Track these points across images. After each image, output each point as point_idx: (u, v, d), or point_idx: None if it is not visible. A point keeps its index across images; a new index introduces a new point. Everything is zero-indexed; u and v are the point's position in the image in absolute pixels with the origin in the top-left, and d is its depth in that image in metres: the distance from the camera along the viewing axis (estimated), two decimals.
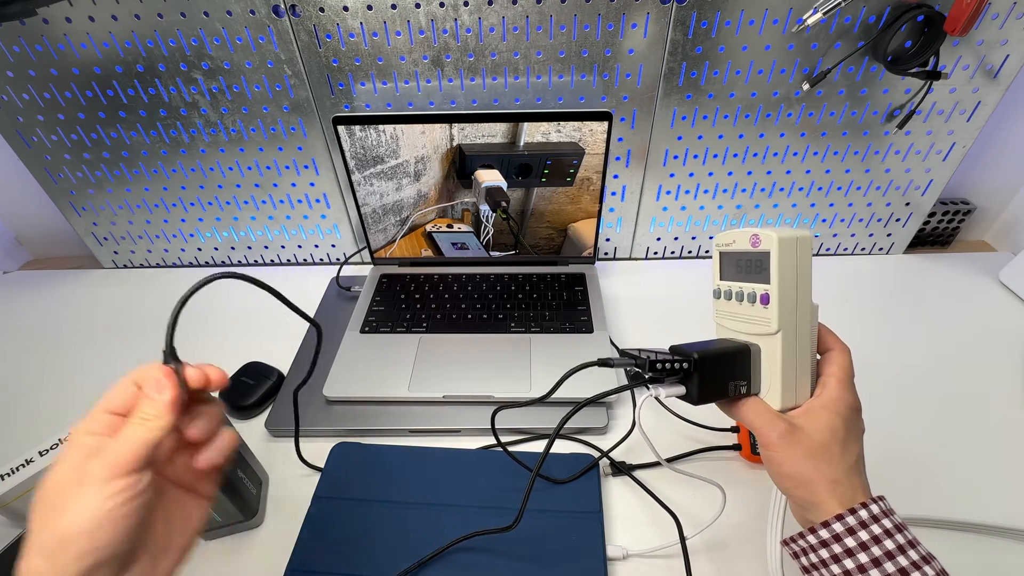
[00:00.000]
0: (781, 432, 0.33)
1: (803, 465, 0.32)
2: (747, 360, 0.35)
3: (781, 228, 0.34)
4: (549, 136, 0.62)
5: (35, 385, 0.66)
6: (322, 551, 0.45)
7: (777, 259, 0.33)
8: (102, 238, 0.82)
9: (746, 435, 0.53)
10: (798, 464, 0.32)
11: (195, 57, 0.62)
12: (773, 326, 0.34)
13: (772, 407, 0.34)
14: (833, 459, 0.32)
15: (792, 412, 0.34)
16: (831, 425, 0.33)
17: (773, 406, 0.35)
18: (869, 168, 0.71)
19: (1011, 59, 0.60)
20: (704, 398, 0.35)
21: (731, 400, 0.36)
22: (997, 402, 0.57)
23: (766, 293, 0.34)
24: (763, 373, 0.35)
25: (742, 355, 0.35)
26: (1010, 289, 0.71)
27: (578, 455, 0.52)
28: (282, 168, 0.72)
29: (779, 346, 0.34)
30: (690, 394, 0.35)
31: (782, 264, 0.33)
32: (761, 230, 0.34)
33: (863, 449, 0.34)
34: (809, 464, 0.32)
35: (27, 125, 0.69)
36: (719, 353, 0.35)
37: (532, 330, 0.64)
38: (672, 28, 0.59)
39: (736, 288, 0.36)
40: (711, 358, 0.35)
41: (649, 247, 0.80)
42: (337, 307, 0.73)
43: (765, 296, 0.34)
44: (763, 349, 0.35)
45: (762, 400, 0.35)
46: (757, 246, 0.34)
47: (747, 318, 0.36)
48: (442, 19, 0.59)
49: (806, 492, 0.32)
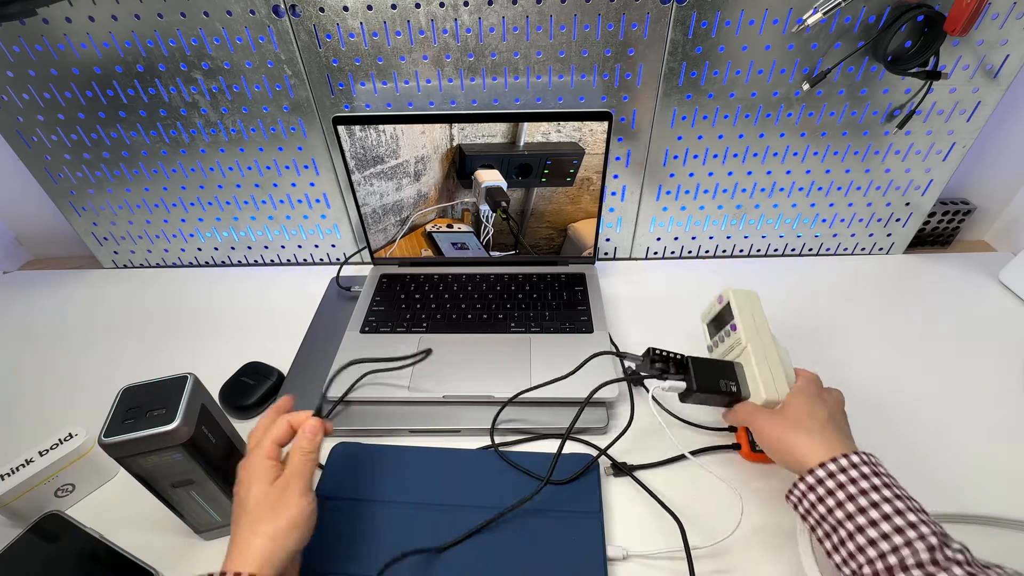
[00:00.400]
0: (767, 417, 0.45)
1: (787, 436, 0.43)
2: (733, 370, 0.48)
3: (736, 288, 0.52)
4: (549, 136, 0.63)
5: (35, 385, 0.66)
6: (322, 551, 0.45)
7: (735, 302, 0.50)
8: (102, 238, 0.82)
9: (743, 434, 0.53)
10: (784, 437, 0.43)
11: (195, 57, 0.62)
12: (743, 341, 0.48)
13: (758, 404, 0.46)
14: (805, 425, 0.43)
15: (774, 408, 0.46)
16: (797, 403, 0.44)
17: (760, 397, 0.46)
18: (869, 168, 0.71)
19: (1011, 59, 0.60)
20: (701, 387, 0.46)
21: (727, 403, 0.48)
22: (997, 402, 0.57)
23: (734, 323, 0.50)
24: (749, 382, 0.47)
25: (730, 365, 0.48)
26: (1010, 289, 0.71)
27: (578, 455, 0.52)
28: (282, 168, 0.72)
29: (752, 355, 0.48)
30: (689, 386, 0.46)
31: (739, 304, 0.50)
32: (722, 291, 0.52)
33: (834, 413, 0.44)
34: (790, 435, 0.42)
35: (27, 125, 0.69)
36: (709, 359, 0.49)
37: (532, 330, 0.64)
38: (672, 28, 0.59)
39: (719, 335, 0.52)
40: (702, 359, 0.48)
41: (649, 247, 0.81)
42: (337, 307, 0.73)
43: (734, 325, 0.50)
44: (744, 364, 0.48)
45: (751, 402, 0.47)
46: (722, 302, 0.52)
47: (729, 348, 0.50)
48: (442, 19, 0.59)
49: (793, 458, 0.41)
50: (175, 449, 0.40)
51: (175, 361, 0.67)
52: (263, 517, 0.38)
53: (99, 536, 0.47)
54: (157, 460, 0.40)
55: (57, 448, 0.49)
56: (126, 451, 0.39)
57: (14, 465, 0.47)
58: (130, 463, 0.40)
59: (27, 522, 0.47)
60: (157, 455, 0.40)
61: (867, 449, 0.40)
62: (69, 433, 0.50)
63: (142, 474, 0.42)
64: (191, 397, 0.41)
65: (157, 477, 0.42)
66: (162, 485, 0.43)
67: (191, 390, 0.42)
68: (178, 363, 0.67)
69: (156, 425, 0.39)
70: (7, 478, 0.47)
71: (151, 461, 0.40)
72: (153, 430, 0.39)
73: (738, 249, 0.81)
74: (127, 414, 0.40)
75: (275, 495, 0.39)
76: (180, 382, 0.42)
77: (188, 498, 0.45)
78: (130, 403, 0.40)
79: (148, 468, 0.41)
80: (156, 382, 0.42)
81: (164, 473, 0.42)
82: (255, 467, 0.40)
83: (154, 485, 0.43)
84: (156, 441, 0.39)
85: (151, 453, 0.40)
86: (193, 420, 0.41)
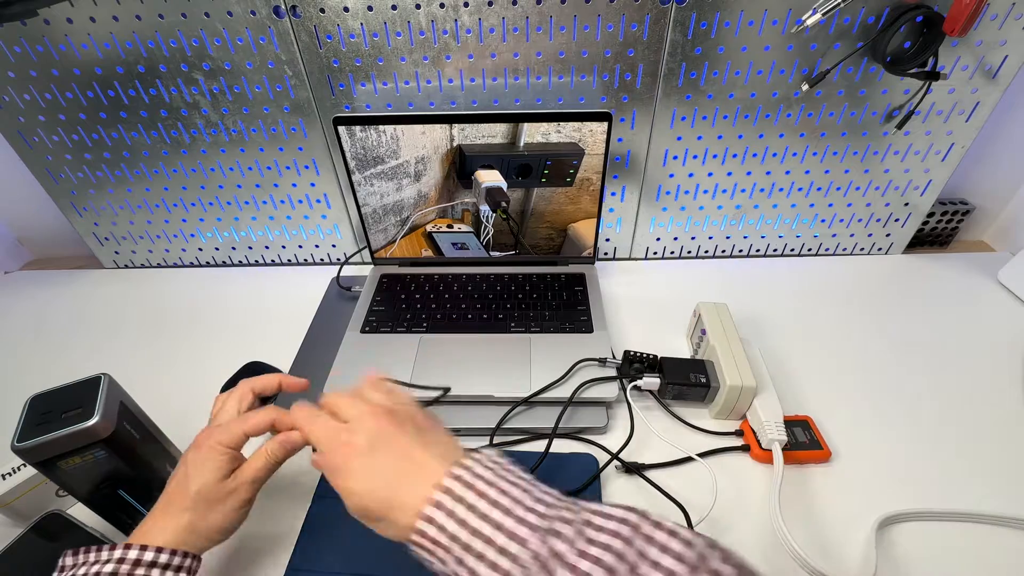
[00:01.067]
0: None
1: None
2: (703, 366, 0.56)
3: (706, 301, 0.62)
4: (549, 136, 0.63)
5: (35, 385, 0.65)
6: (322, 551, 0.46)
7: (705, 313, 0.60)
8: (103, 238, 0.82)
9: (750, 434, 0.53)
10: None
11: (196, 58, 0.63)
12: (710, 342, 0.57)
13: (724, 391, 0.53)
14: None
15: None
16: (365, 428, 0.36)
17: (725, 385, 0.53)
18: (868, 168, 0.71)
19: (1010, 60, 0.61)
20: (672, 380, 0.55)
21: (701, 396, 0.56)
22: (996, 402, 0.57)
23: (704, 328, 0.59)
24: (718, 373, 0.55)
25: (700, 362, 0.57)
26: (1009, 289, 0.71)
27: (579, 454, 0.52)
28: (283, 168, 0.73)
29: (718, 351, 0.55)
30: (662, 379, 0.55)
31: (708, 313, 0.60)
32: (696, 305, 0.63)
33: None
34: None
35: (28, 125, 0.69)
36: (680, 358, 0.58)
37: (532, 330, 0.64)
38: (671, 29, 0.59)
39: (697, 340, 0.62)
40: (673, 358, 0.57)
41: (649, 247, 0.81)
42: (337, 307, 0.73)
43: (704, 330, 0.59)
44: (714, 361, 0.56)
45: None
46: (696, 314, 0.63)
47: (704, 349, 0.59)
48: (442, 20, 0.59)
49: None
50: (98, 447, 0.39)
51: (175, 361, 0.67)
52: (197, 508, 0.37)
53: (100, 536, 0.47)
54: (80, 462, 0.40)
55: None
56: (44, 453, 0.38)
57: (15, 465, 0.48)
58: (52, 469, 0.39)
59: (28, 522, 0.47)
60: (80, 455, 0.39)
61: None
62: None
63: (65, 480, 0.41)
64: (108, 395, 0.41)
65: (83, 481, 0.41)
66: (87, 490, 0.42)
67: (107, 388, 0.41)
68: (178, 363, 0.67)
69: (74, 423, 0.38)
70: (8, 478, 0.47)
71: (73, 463, 0.39)
72: (73, 428, 0.38)
73: (737, 249, 0.81)
74: (40, 418, 0.39)
75: (217, 496, 0.37)
76: (94, 382, 0.41)
77: (122, 503, 0.44)
78: (42, 408, 0.39)
79: (71, 472, 0.40)
80: (66, 386, 0.41)
81: (89, 475, 0.41)
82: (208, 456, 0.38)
83: (79, 491, 0.42)
84: (77, 439, 0.38)
85: (73, 454, 0.39)
86: (113, 416, 0.40)
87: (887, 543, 0.46)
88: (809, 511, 0.48)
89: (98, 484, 0.42)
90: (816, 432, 0.53)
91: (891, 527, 0.47)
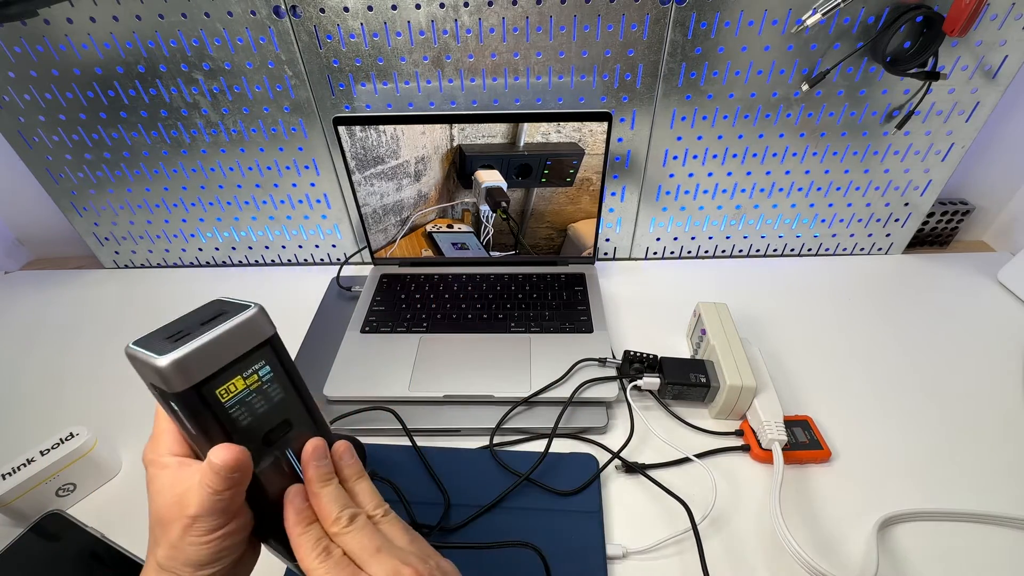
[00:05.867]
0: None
1: None
2: (703, 365, 0.56)
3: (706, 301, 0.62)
4: (549, 136, 0.63)
5: (36, 385, 0.66)
6: None
7: (704, 312, 0.60)
8: (103, 238, 0.82)
9: (750, 434, 0.53)
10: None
11: (196, 58, 0.63)
12: (711, 341, 0.57)
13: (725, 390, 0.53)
14: None
15: None
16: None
17: (725, 384, 0.53)
18: (868, 168, 0.71)
19: (1010, 60, 0.61)
20: (671, 379, 0.55)
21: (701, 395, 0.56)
22: (996, 402, 0.57)
23: (704, 328, 0.59)
24: (718, 373, 0.55)
25: (699, 361, 0.57)
26: (1008, 289, 0.71)
27: (579, 454, 0.53)
28: (283, 168, 0.73)
29: (718, 351, 0.55)
30: (662, 379, 0.55)
31: (707, 314, 0.60)
32: (696, 305, 0.63)
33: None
34: None
35: (28, 126, 0.69)
36: (679, 357, 0.58)
37: (532, 330, 0.64)
38: (671, 29, 0.59)
39: (698, 340, 0.61)
40: (672, 358, 0.57)
41: (649, 247, 0.81)
42: (337, 307, 0.73)
43: (703, 330, 0.59)
44: (714, 360, 0.56)
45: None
46: (696, 314, 0.63)
47: (704, 348, 0.59)
48: (442, 20, 0.59)
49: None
50: (264, 356, 0.29)
51: None
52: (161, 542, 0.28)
53: (100, 535, 0.47)
54: (243, 389, 0.29)
55: (58, 447, 0.49)
56: (205, 369, 0.27)
57: (15, 464, 0.48)
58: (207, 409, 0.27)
59: (28, 522, 0.47)
60: (243, 376, 0.28)
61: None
62: (70, 432, 0.50)
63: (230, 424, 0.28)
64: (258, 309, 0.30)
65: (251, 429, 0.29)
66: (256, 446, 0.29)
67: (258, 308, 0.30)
68: None
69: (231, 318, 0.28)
70: (8, 478, 0.47)
71: (236, 390, 0.28)
72: (236, 319, 0.28)
73: (737, 249, 0.81)
74: (170, 343, 0.27)
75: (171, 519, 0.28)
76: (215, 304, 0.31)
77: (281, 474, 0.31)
78: (164, 335, 0.29)
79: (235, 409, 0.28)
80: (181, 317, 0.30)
81: (257, 414, 0.29)
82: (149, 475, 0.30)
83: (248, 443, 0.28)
84: (243, 336, 0.28)
85: (236, 369, 0.28)
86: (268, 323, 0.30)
87: (888, 543, 0.46)
88: (809, 511, 0.48)
89: (268, 432, 0.30)
90: (816, 432, 0.53)
91: (892, 527, 0.47)
